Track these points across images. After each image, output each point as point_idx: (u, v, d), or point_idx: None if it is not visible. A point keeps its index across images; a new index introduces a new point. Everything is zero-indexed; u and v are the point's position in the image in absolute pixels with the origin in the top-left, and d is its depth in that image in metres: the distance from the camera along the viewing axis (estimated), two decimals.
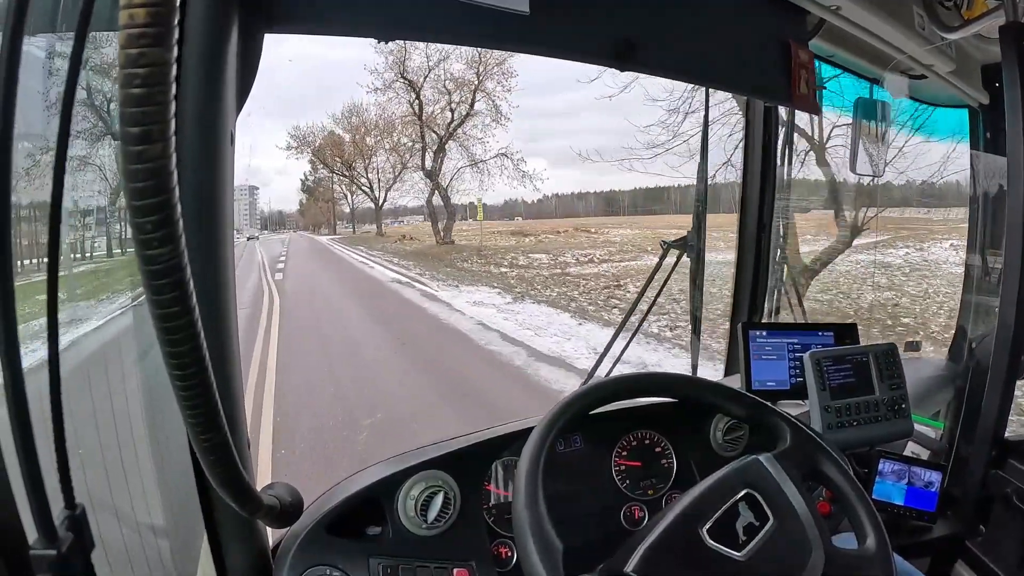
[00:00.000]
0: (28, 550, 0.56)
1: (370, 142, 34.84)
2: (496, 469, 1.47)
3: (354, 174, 37.44)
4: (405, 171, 34.32)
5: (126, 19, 0.44)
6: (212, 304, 0.96)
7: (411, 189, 35.82)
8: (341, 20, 1.11)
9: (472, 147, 30.23)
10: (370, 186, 37.48)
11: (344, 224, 52.84)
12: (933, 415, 2.20)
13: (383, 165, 35.74)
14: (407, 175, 34.55)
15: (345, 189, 42.25)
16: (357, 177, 37.51)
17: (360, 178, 37.56)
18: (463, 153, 30.38)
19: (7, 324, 0.51)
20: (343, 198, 45.53)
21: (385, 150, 34.27)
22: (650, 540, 0.98)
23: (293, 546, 1.24)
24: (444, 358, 8.89)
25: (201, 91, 0.90)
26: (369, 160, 36.14)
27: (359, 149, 35.86)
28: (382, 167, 35.91)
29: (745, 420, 1.30)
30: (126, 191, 0.48)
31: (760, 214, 2.26)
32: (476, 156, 30.22)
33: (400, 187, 35.97)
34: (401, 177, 34.96)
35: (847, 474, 1.16)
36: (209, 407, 0.62)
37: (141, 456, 1.12)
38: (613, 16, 1.37)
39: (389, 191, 36.70)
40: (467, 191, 31.31)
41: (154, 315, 0.53)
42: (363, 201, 41.42)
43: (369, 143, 34.95)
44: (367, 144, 35.11)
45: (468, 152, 30.34)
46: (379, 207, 38.99)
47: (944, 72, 1.93)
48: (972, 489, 1.88)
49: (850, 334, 1.86)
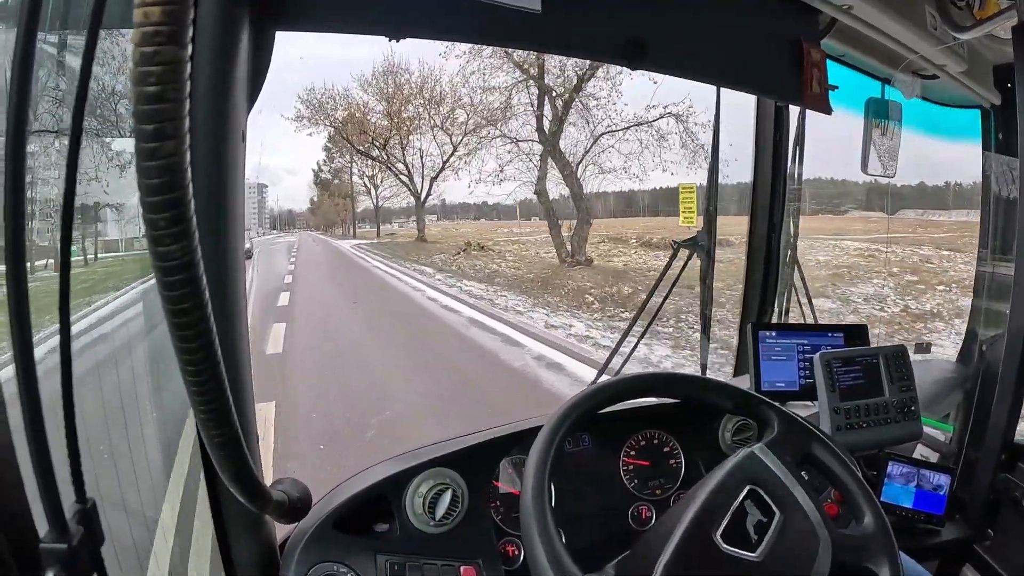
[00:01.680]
0: (39, 543, 0.57)
1: (412, 112, 25.00)
2: (504, 467, 1.47)
3: (389, 157, 27.81)
4: (470, 151, 23.36)
5: (140, 17, 0.44)
6: (223, 300, 0.96)
7: (456, 181, 29.58)
8: (351, 18, 1.11)
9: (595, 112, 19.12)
10: (409, 174, 28.08)
11: (362, 224, 43.16)
12: (942, 418, 2.19)
13: (428, 147, 26.43)
14: (475, 158, 23.38)
15: (368, 182, 34.12)
16: (393, 160, 27.90)
17: (396, 163, 27.96)
18: (585, 122, 18.96)
19: (20, 321, 0.51)
20: (366, 192, 36.48)
21: (435, 126, 24.44)
22: (667, 555, 0.97)
23: (301, 542, 1.25)
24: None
25: (212, 89, 0.90)
26: (408, 137, 26.53)
27: (396, 123, 26.02)
28: (427, 150, 26.61)
29: (734, 411, 1.30)
30: (140, 187, 0.48)
31: (770, 214, 2.25)
32: (613, 123, 18.78)
33: (444, 177, 27.00)
34: (452, 163, 25.12)
35: (839, 456, 1.16)
36: (221, 402, 0.62)
37: (150, 451, 1.13)
38: (624, 15, 1.36)
39: (436, 180, 27.46)
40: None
41: (167, 311, 0.54)
42: (393, 194, 32.43)
43: (411, 113, 25.11)
44: (408, 115, 25.27)
45: (590, 119, 18.78)
46: (422, 202, 29.02)
47: (956, 72, 1.92)
48: (981, 493, 1.87)
49: (860, 335, 1.85)
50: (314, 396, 6.66)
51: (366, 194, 37.14)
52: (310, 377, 7.51)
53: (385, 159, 28.27)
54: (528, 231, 28.65)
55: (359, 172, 34.80)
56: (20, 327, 0.51)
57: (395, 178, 29.57)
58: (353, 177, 36.77)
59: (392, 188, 32.31)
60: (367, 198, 37.45)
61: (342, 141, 29.17)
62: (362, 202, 39.40)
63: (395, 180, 30.02)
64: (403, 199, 32.24)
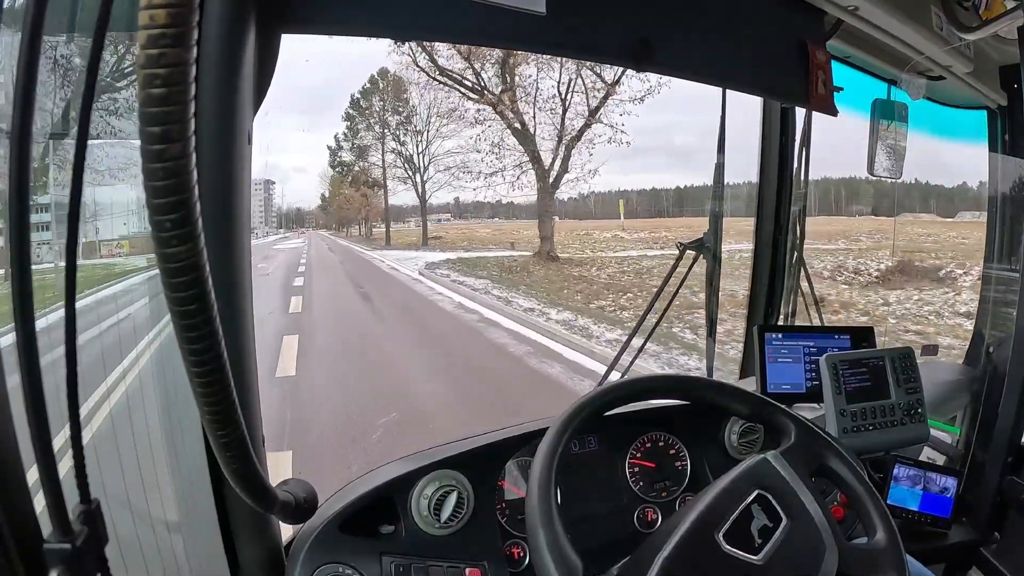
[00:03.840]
0: (43, 543, 0.57)
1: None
2: (510, 469, 1.47)
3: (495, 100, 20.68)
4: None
5: (146, 20, 0.44)
6: (229, 301, 0.97)
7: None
8: (357, 21, 1.11)
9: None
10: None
11: (379, 225, 34.19)
12: (949, 420, 2.18)
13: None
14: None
15: (408, 164, 26.09)
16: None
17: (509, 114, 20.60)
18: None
19: (25, 319, 0.51)
20: (406, 177, 27.64)
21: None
22: (667, 551, 0.97)
23: (306, 543, 1.25)
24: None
25: (218, 91, 0.91)
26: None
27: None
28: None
29: (750, 418, 1.29)
30: (146, 189, 0.48)
31: (777, 216, 2.25)
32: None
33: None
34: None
35: (854, 468, 1.15)
36: (226, 403, 0.63)
37: (156, 451, 1.13)
38: (630, 16, 1.36)
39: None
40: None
41: (173, 312, 0.54)
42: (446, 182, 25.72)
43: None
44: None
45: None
46: (550, 194, 21.81)
47: (962, 73, 1.91)
48: (988, 495, 1.86)
49: (867, 338, 1.84)
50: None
51: (403, 180, 28.50)
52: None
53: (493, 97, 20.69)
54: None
55: (397, 148, 27.12)
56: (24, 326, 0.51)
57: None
58: (386, 153, 28.20)
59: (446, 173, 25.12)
60: (411, 182, 28.14)
61: (376, 102, 23.86)
62: (401, 190, 29.81)
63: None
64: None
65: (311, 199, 47.73)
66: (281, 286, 16.55)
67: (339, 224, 42.17)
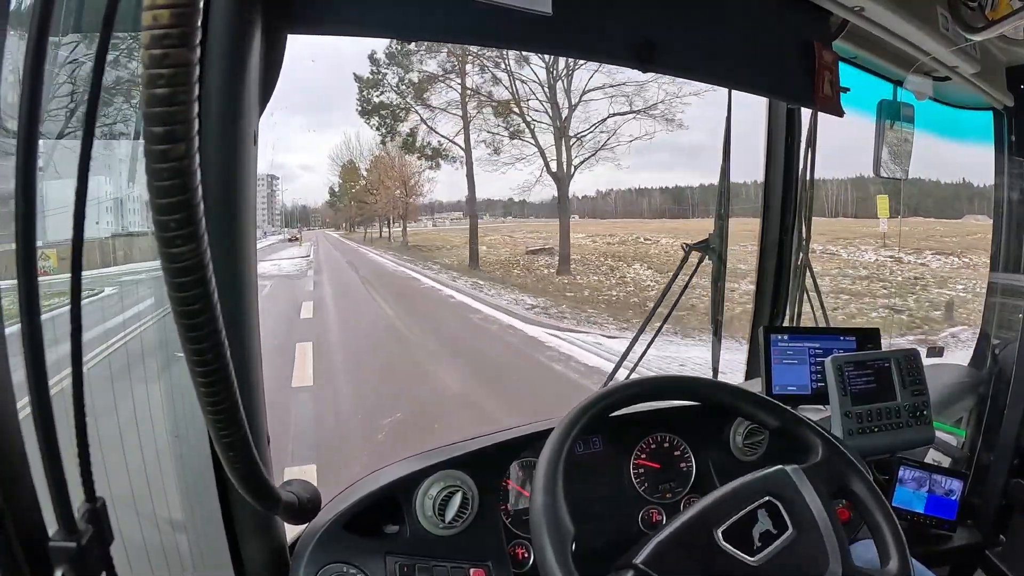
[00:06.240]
0: (48, 542, 0.57)
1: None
2: (515, 469, 1.47)
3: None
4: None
5: (150, 20, 0.44)
6: (234, 302, 0.97)
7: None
8: (363, 21, 1.11)
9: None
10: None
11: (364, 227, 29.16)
12: (955, 422, 2.17)
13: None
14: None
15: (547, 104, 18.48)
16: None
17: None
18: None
19: (31, 319, 0.51)
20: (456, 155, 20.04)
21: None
22: (662, 536, 0.98)
23: (311, 543, 1.25)
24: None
25: (224, 91, 0.91)
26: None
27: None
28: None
29: (775, 431, 1.28)
30: (150, 189, 0.48)
31: (782, 217, 2.24)
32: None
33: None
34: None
35: (876, 494, 1.14)
36: (230, 404, 0.63)
37: (161, 451, 1.13)
38: (635, 17, 1.36)
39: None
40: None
41: (176, 312, 0.54)
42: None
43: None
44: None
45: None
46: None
47: (968, 74, 1.91)
48: (993, 498, 1.85)
49: (872, 339, 1.84)
50: None
51: (451, 161, 20.81)
52: None
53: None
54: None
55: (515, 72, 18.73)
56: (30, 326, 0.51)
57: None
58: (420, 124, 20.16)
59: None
60: (460, 163, 20.66)
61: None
62: (435, 184, 23.01)
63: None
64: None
65: (317, 198, 43.00)
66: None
67: (351, 223, 34.92)
